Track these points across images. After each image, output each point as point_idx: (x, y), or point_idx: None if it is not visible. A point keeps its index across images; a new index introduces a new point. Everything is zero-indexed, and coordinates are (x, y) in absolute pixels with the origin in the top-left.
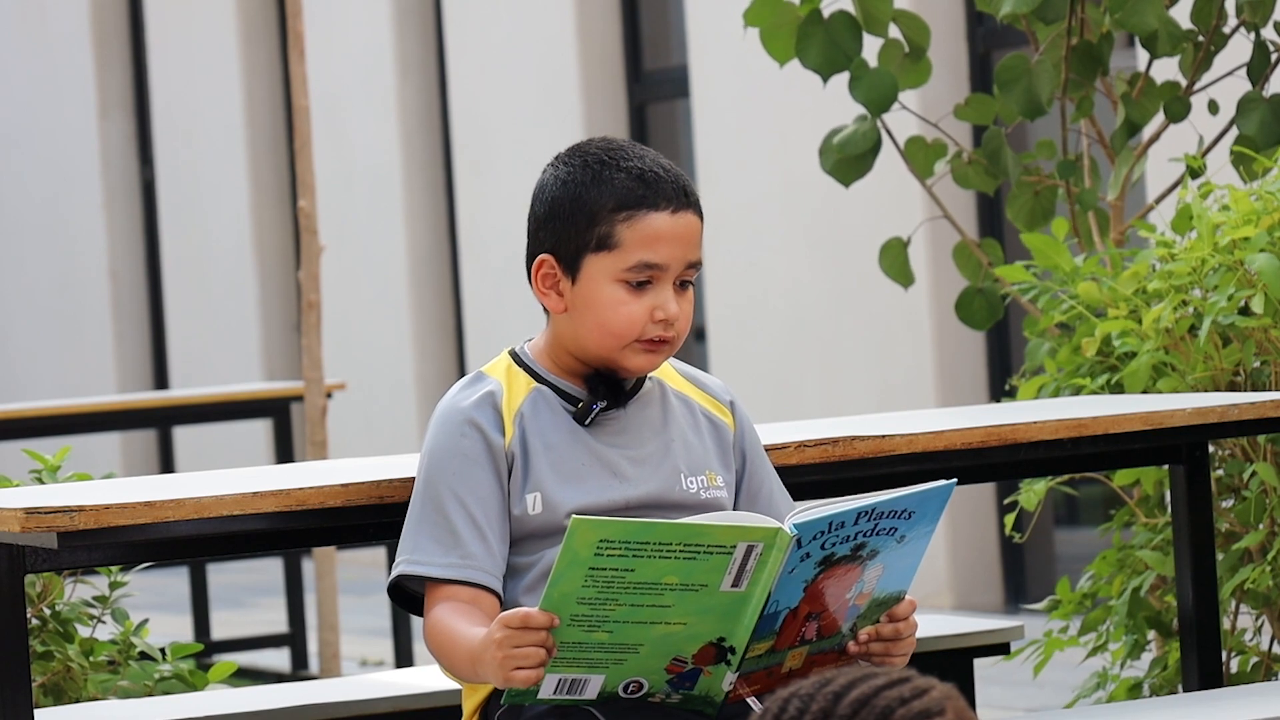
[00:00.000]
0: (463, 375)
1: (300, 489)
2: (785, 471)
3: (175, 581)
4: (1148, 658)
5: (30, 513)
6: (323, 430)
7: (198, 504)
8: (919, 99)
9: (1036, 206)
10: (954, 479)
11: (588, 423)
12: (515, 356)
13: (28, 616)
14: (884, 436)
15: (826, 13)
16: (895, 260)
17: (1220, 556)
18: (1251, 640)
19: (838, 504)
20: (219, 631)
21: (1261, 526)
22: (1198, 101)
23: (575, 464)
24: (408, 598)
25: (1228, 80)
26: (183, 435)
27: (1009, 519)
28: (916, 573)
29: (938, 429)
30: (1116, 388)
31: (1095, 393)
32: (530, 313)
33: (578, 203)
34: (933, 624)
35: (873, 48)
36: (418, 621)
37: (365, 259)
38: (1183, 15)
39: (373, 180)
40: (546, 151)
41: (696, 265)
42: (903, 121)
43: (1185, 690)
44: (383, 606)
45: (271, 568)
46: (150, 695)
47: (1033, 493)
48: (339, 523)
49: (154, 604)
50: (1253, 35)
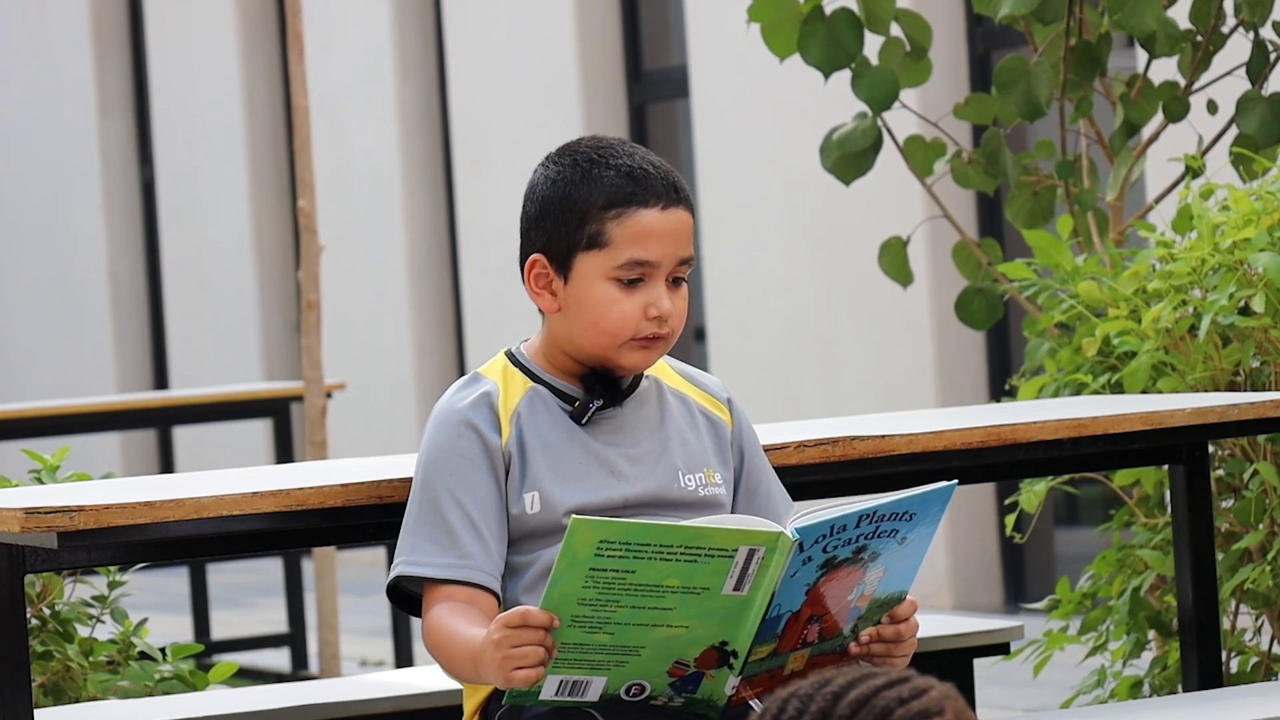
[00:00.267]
0: (463, 375)
1: (300, 489)
2: (785, 471)
3: (175, 581)
4: (1148, 657)
5: (30, 513)
6: (322, 430)
7: (197, 504)
8: (919, 98)
9: (1036, 207)
10: (955, 480)
11: (584, 422)
12: (511, 357)
13: (27, 616)
14: (884, 436)
15: (828, 10)
16: (894, 259)
17: (1220, 556)
18: (1251, 640)
19: (839, 507)
20: (219, 631)
21: (1261, 526)
22: (1196, 101)
23: (573, 463)
24: (407, 599)
25: (1227, 80)
26: (183, 435)
27: (1009, 519)
28: (917, 573)
29: (938, 429)
30: (1116, 387)
31: (1096, 392)
32: (530, 313)
33: (568, 201)
34: (933, 624)
35: (873, 46)
36: (418, 622)
37: (365, 259)
38: (1181, 15)
39: (373, 180)
40: (546, 151)
41: (689, 261)
42: (902, 121)
43: (1185, 690)
44: (383, 606)
45: (271, 568)
46: (150, 695)
47: (1033, 494)
48: (339, 523)
49: (154, 604)
50: (1251, 34)
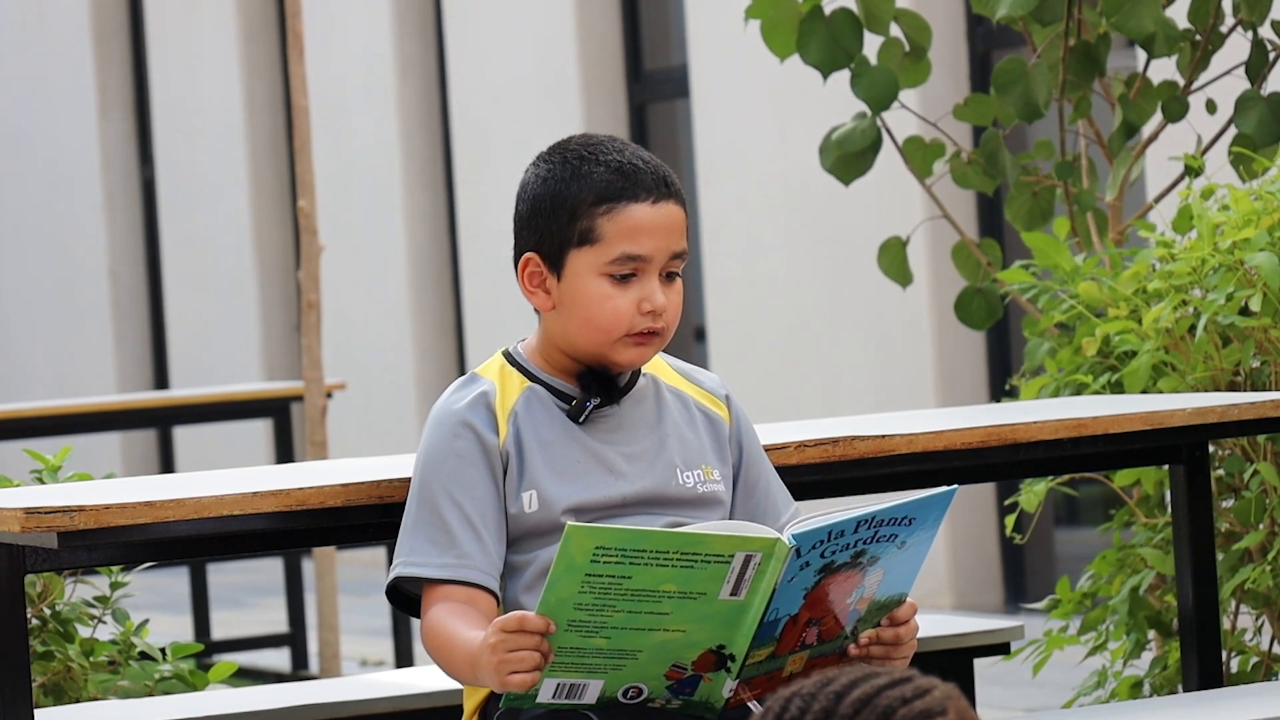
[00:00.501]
0: (463, 375)
1: (300, 489)
2: (785, 471)
3: (175, 581)
4: (1148, 657)
5: (30, 513)
6: (323, 430)
7: (198, 504)
8: (918, 99)
9: (1035, 207)
10: (955, 485)
11: (582, 420)
12: (508, 356)
13: (28, 616)
14: (884, 436)
15: (828, 9)
16: (894, 260)
17: (1220, 556)
18: (1251, 640)
19: (837, 512)
20: (219, 631)
21: (1261, 526)
22: (1195, 101)
23: (570, 461)
24: (406, 600)
25: (1226, 79)
26: (183, 435)
27: (1009, 519)
28: (917, 576)
29: (938, 429)
30: (1116, 387)
31: (1096, 392)
32: (530, 312)
33: (558, 199)
34: (933, 624)
35: (873, 46)
36: (418, 622)
37: (365, 259)
38: (1180, 14)
39: (373, 180)
40: None
41: (682, 255)
42: (902, 121)
43: (1185, 690)
44: (383, 606)
45: (271, 568)
46: (150, 695)
47: (1033, 494)
48: (339, 523)
49: (154, 604)
50: (1250, 34)
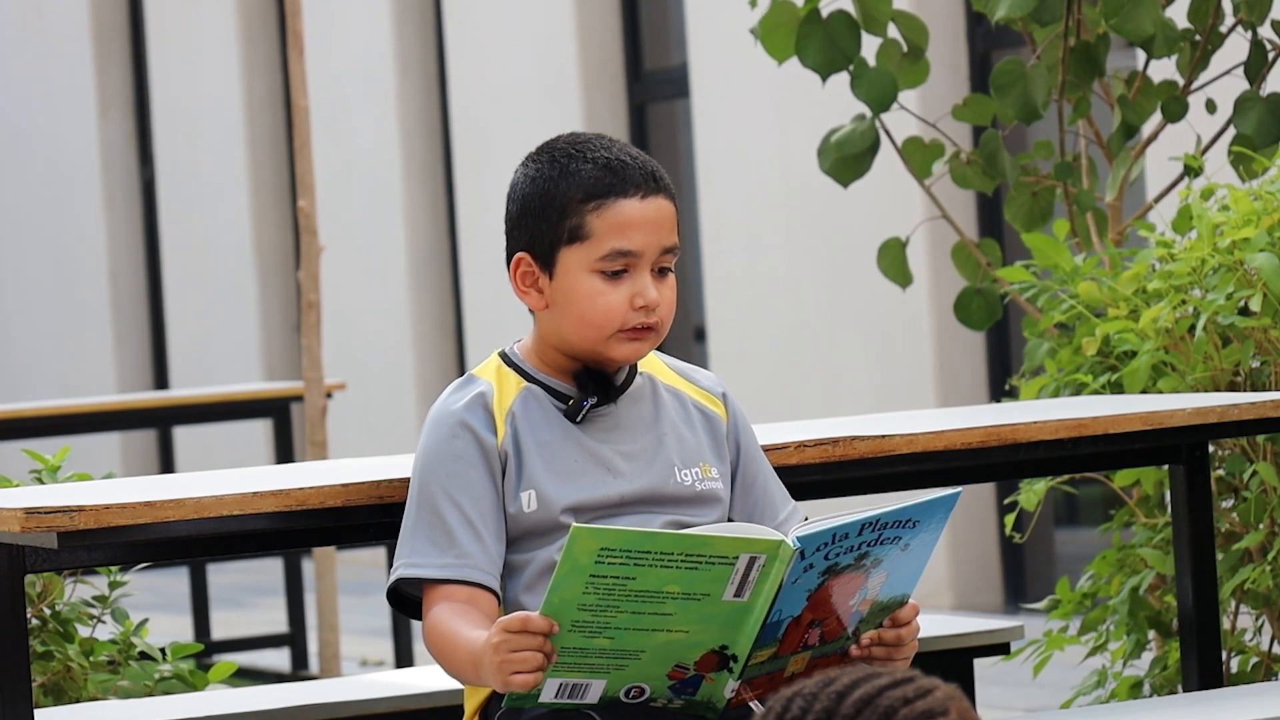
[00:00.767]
0: (462, 375)
1: (300, 489)
2: (785, 471)
3: (175, 581)
4: (1148, 656)
5: (30, 513)
6: (322, 430)
7: (197, 504)
8: (918, 99)
9: (1035, 207)
10: (959, 489)
11: (579, 420)
12: (505, 357)
13: (28, 616)
14: (884, 436)
15: (825, 12)
16: (894, 261)
17: (1220, 556)
18: (1251, 640)
19: (841, 516)
20: (219, 631)
21: (1261, 526)
22: (1195, 101)
23: (568, 461)
24: (407, 602)
25: (1225, 79)
26: (183, 435)
27: (1009, 519)
28: (920, 577)
29: (938, 429)
30: (1116, 387)
31: (1095, 392)
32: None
33: (547, 197)
34: (933, 624)
35: (871, 48)
36: (418, 622)
37: (365, 259)
38: (1179, 14)
39: (373, 180)
40: None
41: (673, 250)
42: (902, 122)
43: (1185, 690)
44: (383, 606)
45: (271, 568)
46: (150, 695)
47: (1032, 493)
48: (339, 523)
49: (154, 604)
50: (1250, 34)
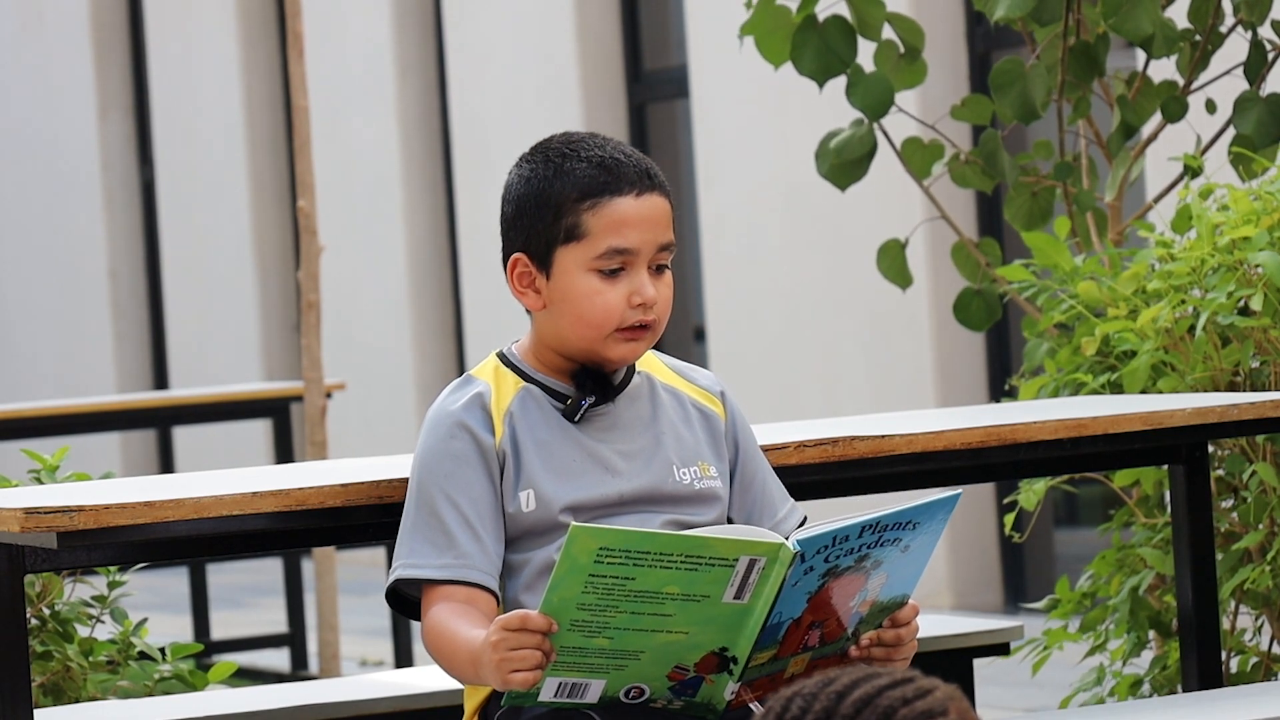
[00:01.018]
0: (461, 375)
1: (300, 489)
2: (785, 471)
3: (175, 581)
4: (1148, 656)
5: (30, 513)
6: (322, 430)
7: (197, 504)
8: (918, 99)
9: (1034, 207)
10: (959, 490)
11: (577, 419)
12: (503, 357)
13: (27, 616)
14: (884, 436)
15: (820, 18)
16: (893, 262)
17: (1220, 556)
18: (1251, 640)
19: (842, 519)
20: (219, 631)
21: (1261, 526)
22: (1195, 101)
23: (567, 460)
24: (406, 603)
25: (1225, 79)
26: (182, 435)
27: (1009, 519)
28: (920, 578)
29: (937, 429)
30: (1116, 387)
31: (1095, 391)
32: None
33: (542, 197)
34: (933, 624)
35: (868, 50)
36: (418, 623)
37: (365, 259)
38: (1179, 14)
39: (373, 180)
40: None
41: (669, 247)
42: (901, 122)
43: (1185, 690)
44: (382, 606)
45: (271, 568)
46: (150, 695)
47: (1032, 492)
48: (339, 523)
49: (154, 604)
50: (1250, 34)
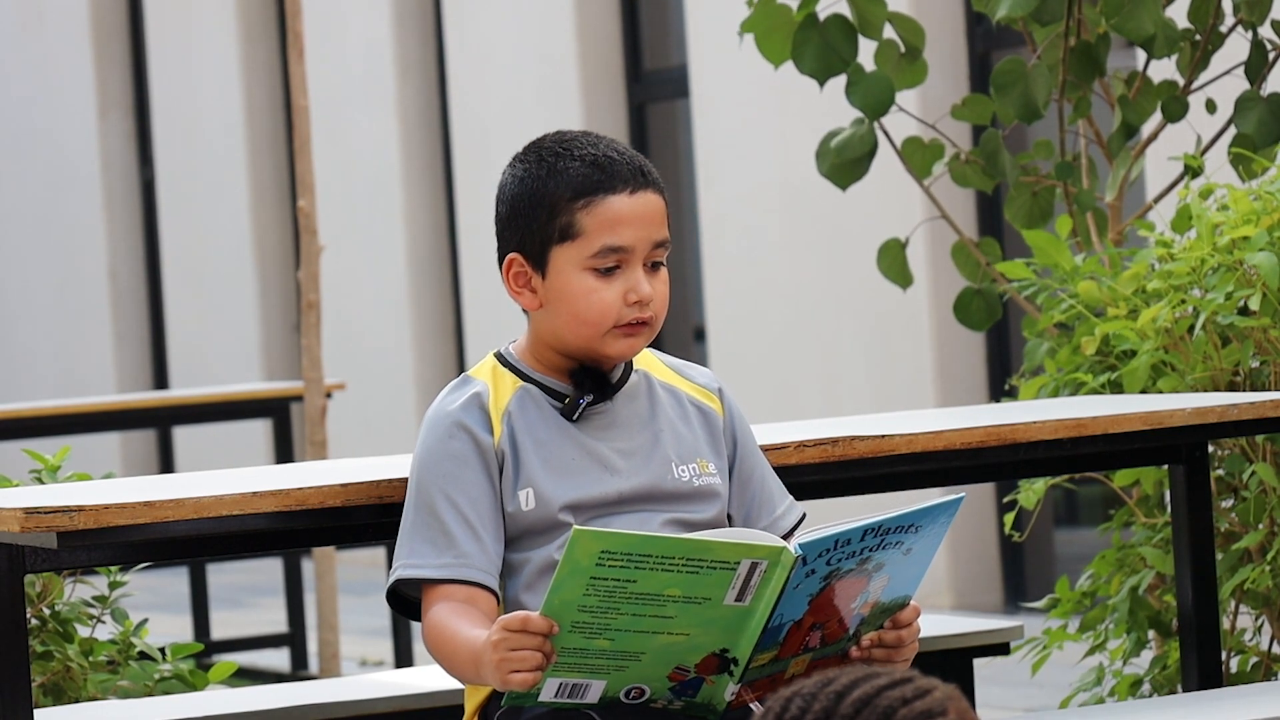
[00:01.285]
0: (460, 375)
1: (300, 489)
2: (785, 471)
3: (175, 581)
4: (1147, 656)
5: (30, 513)
6: (322, 430)
7: (197, 504)
8: (918, 99)
9: (1035, 207)
10: (962, 494)
11: (575, 418)
12: (500, 357)
13: (27, 616)
14: (884, 436)
15: (821, 16)
16: (893, 261)
17: (1220, 556)
18: (1251, 640)
19: (844, 523)
20: (219, 631)
21: (1261, 526)
22: (1195, 101)
23: (565, 459)
24: (407, 604)
25: (1225, 79)
26: (182, 435)
27: (1008, 518)
28: (921, 580)
29: (937, 429)
30: (1116, 387)
31: (1094, 391)
32: None
33: (536, 197)
34: (933, 624)
35: (868, 49)
36: (418, 623)
37: (365, 259)
38: (1180, 14)
39: (373, 180)
40: None
41: (665, 244)
42: (902, 122)
43: (1185, 690)
44: (382, 606)
45: (271, 568)
46: (150, 695)
47: (1032, 492)
48: (339, 523)
49: (154, 604)
50: (1250, 34)
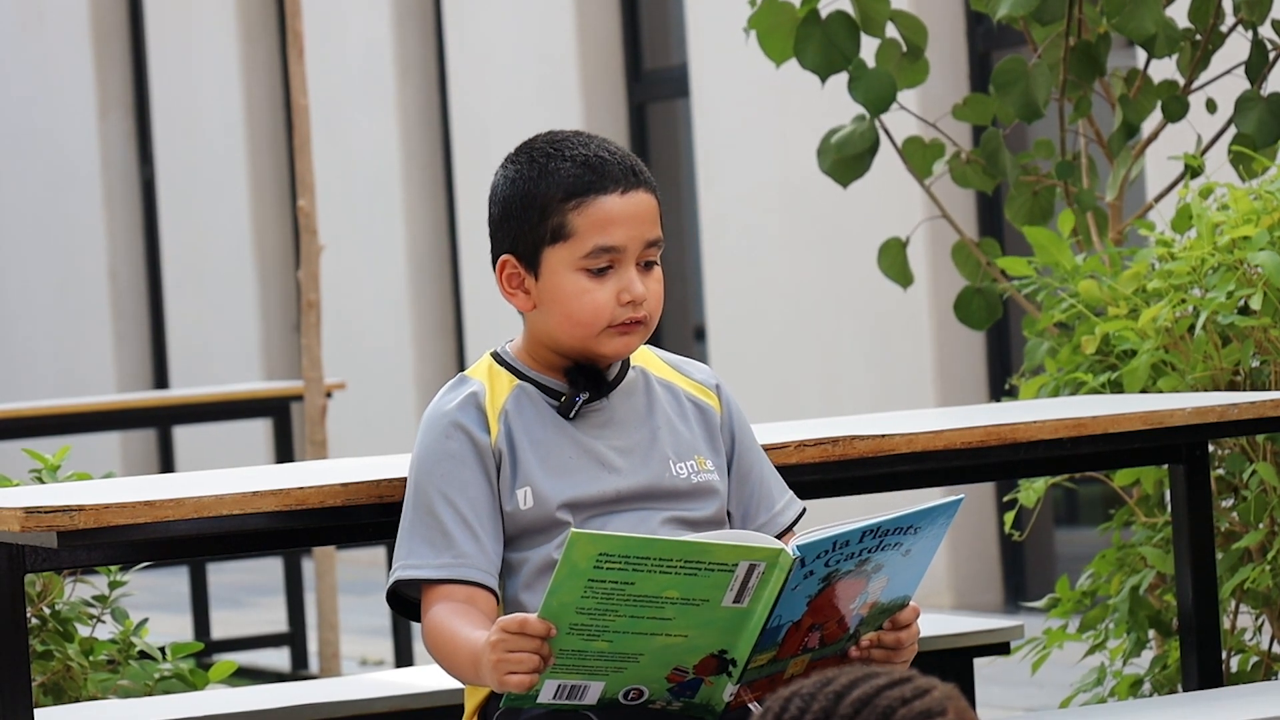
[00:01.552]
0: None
1: (300, 488)
2: (785, 471)
3: (175, 581)
4: (1148, 655)
5: (30, 512)
6: (322, 430)
7: (197, 503)
8: (918, 99)
9: (1035, 206)
10: (961, 495)
11: (572, 416)
12: (497, 357)
13: (28, 616)
14: (883, 436)
15: (824, 13)
16: (894, 261)
17: (1220, 556)
18: (1251, 640)
19: (843, 524)
20: (219, 631)
21: (1261, 526)
22: (1195, 100)
23: (563, 457)
24: (407, 605)
25: (1226, 79)
26: (182, 435)
27: (1008, 517)
28: (921, 580)
29: (937, 429)
30: (1116, 386)
31: (1095, 389)
32: None
33: (528, 198)
34: (933, 623)
35: (870, 48)
36: (418, 623)
37: (365, 259)
38: (1180, 13)
39: (373, 180)
40: None
41: (657, 244)
42: (902, 121)
43: (1185, 689)
44: (382, 606)
45: (271, 567)
46: (150, 695)
47: (1032, 491)
48: (339, 522)
49: (154, 604)
50: (1250, 33)
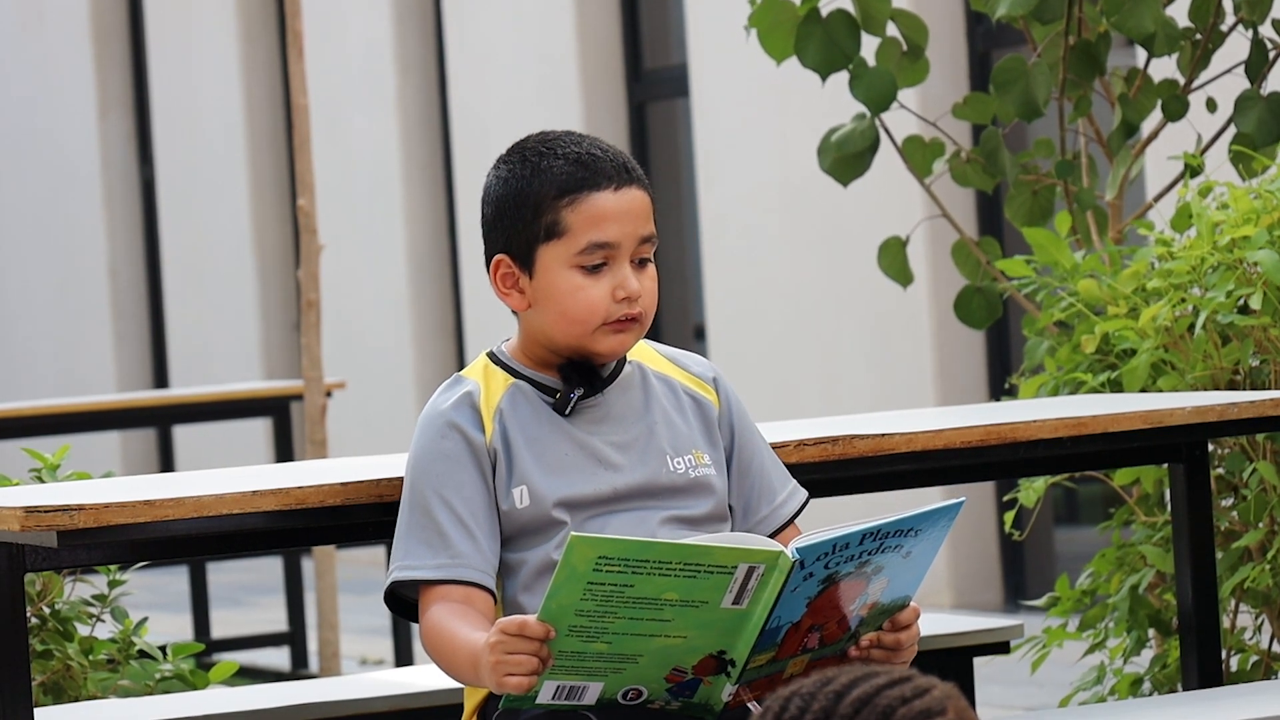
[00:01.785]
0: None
1: (300, 488)
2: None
3: (175, 581)
4: (1148, 654)
5: (30, 511)
6: (322, 429)
7: (197, 503)
8: (918, 98)
9: (1035, 206)
10: (962, 498)
11: (567, 412)
12: (492, 356)
13: (27, 615)
14: (883, 435)
15: (824, 12)
16: (894, 260)
17: (1220, 555)
18: (1251, 639)
19: (843, 527)
20: (219, 631)
21: (1261, 525)
22: (1195, 100)
23: (559, 455)
24: (405, 606)
25: (1226, 78)
26: (182, 434)
27: (1008, 516)
28: (921, 581)
29: (937, 428)
30: (1115, 385)
31: (1095, 388)
32: None
33: (521, 197)
34: (933, 623)
35: (870, 47)
36: (417, 624)
37: (365, 258)
38: (1180, 13)
39: (373, 180)
40: None
41: (651, 240)
42: (901, 120)
43: (1185, 689)
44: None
45: (271, 567)
46: (150, 694)
47: (1032, 490)
48: (339, 521)
49: (154, 603)
50: (1250, 33)
